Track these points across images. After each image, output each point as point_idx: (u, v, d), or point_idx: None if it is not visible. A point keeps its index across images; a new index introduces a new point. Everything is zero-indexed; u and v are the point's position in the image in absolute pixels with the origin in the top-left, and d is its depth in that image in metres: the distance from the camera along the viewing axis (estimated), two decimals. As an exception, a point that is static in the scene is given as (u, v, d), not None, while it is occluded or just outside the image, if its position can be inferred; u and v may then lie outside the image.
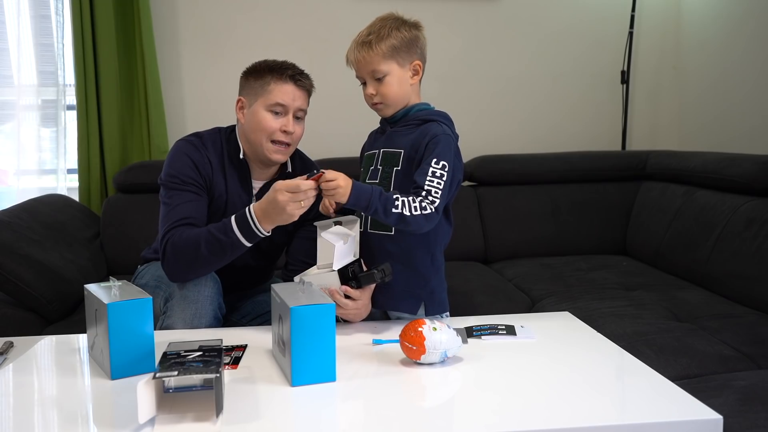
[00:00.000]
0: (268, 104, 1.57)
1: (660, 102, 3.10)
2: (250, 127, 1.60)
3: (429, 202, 1.35)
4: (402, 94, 1.47)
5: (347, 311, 1.41)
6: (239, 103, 1.64)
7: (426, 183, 1.37)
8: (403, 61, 1.45)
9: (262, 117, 1.57)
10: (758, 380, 1.40)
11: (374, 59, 1.43)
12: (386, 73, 1.44)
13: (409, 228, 1.36)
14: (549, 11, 2.97)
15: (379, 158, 1.50)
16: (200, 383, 1.08)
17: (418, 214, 1.34)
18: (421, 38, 1.49)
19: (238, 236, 1.43)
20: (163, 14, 2.73)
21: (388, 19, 1.47)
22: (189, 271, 1.49)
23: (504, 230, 2.66)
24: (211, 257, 1.46)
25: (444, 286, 1.54)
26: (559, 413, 1.01)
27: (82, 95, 2.55)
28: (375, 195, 1.33)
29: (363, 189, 1.33)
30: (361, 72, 1.48)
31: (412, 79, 1.48)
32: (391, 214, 1.33)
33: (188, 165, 1.58)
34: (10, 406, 1.07)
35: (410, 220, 1.34)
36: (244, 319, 1.75)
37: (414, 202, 1.34)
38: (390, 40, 1.43)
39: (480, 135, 2.93)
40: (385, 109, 1.49)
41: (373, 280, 1.37)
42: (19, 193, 2.60)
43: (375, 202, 1.32)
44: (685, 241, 2.27)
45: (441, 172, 1.38)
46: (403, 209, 1.33)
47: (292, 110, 1.58)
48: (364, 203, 1.33)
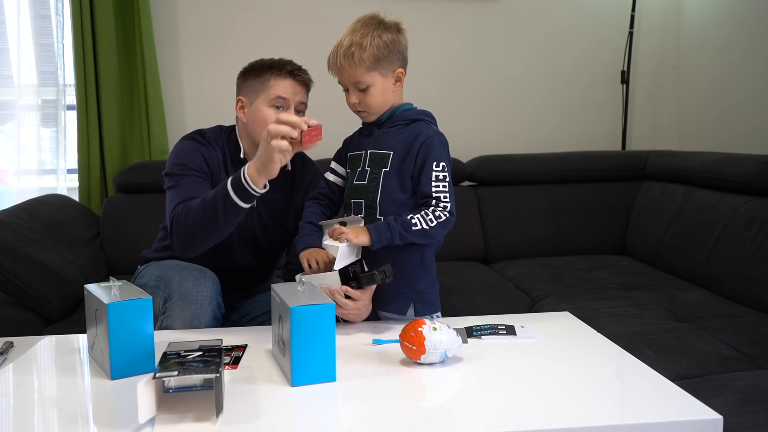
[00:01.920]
0: (270, 99, 1.58)
1: (660, 102, 3.10)
2: (252, 125, 1.61)
3: (441, 209, 1.40)
4: (385, 101, 1.48)
5: (348, 311, 1.41)
6: (239, 103, 1.64)
7: (433, 190, 1.41)
8: (386, 71, 1.45)
9: (264, 113, 1.58)
10: (758, 380, 1.40)
11: (357, 71, 1.43)
12: (370, 84, 1.44)
13: (433, 240, 1.42)
14: (549, 11, 2.97)
15: (367, 159, 1.50)
16: (200, 383, 1.08)
17: (435, 224, 1.39)
18: (403, 41, 1.48)
19: (231, 193, 1.39)
20: (163, 14, 2.73)
21: (369, 25, 1.45)
22: (198, 240, 1.47)
23: (504, 230, 2.66)
24: (209, 219, 1.43)
25: (435, 286, 1.54)
26: (560, 413, 1.01)
27: (82, 95, 2.55)
28: (392, 223, 1.38)
29: (379, 225, 1.38)
30: (344, 82, 1.48)
31: (395, 86, 1.49)
32: (413, 233, 1.38)
33: (197, 156, 1.59)
34: (10, 406, 1.07)
35: (431, 232, 1.39)
36: (244, 319, 1.75)
37: (428, 215, 1.39)
38: (372, 50, 1.42)
39: (480, 135, 2.93)
40: (369, 116, 1.50)
41: (374, 280, 1.37)
42: (19, 193, 2.60)
43: (396, 229, 1.37)
44: (685, 241, 2.27)
45: (443, 174, 1.42)
46: (422, 224, 1.38)
47: (293, 104, 1.60)
48: (387, 235, 1.37)
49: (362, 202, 1.48)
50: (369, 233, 1.37)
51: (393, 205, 1.45)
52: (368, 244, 1.37)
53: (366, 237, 1.36)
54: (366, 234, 1.37)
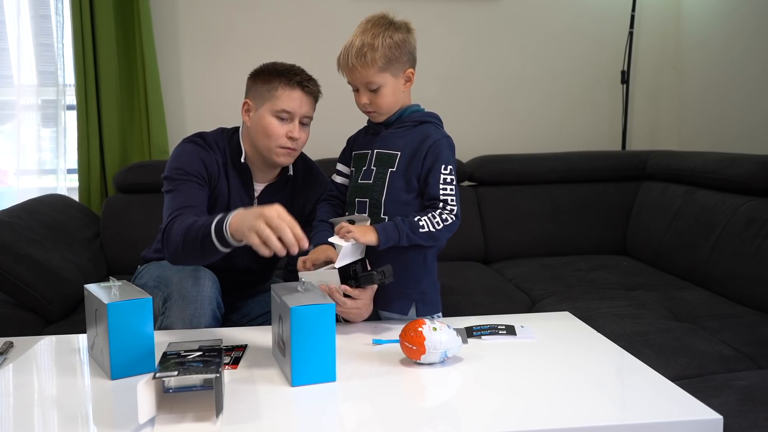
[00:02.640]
0: (275, 110, 1.56)
1: (660, 102, 3.10)
2: (255, 132, 1.60)
3: (448, 212, 1.42)
4: (395, 102, 1.49)
5: (347, 310, 1.41)
6: (245, 106, 1.63)
7: (440, 193, 1.43)
8: (397, 71, 1.46)
9: (268, 122, 1.57)
10: (758, 380, 1.40)
11: (369, 72, 1.43)
12: (381, 84, 1.44)
13: (437, 242, 1.44)
14: (549, 11, 2.97)
15: (373, 159, 1.50)
16: (200, 383, 1.08)
17: (441, 227, 1.41)
18: (413, 41, 1.49)
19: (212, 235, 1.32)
20: (163, 14, 2.73)
21: (380, 25, 1.45)
22: (177, 257, 1.46)
23: (504, 230, 2.66)
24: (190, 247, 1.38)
25: (437, 287, 1.54)
26: (560, 413, 1.01)
27: (82, 95, 2.55)
28: (400, 224, 1.38)
29: (386, 226, 1.39)
30: (355, 82, 1.48)
31: (405, 86, 1.49)
32: (419, 235, 1.39)
33: (196, 161, 1.58)
34: (10, 406, 1.07)
35: (437, 234, 1.41)
36: (245, 319, 1.75)
37: (435, 218, 1.40)
38: (383, 50, 1.42)
39: (480, 135, 2.93)
40: (379, 116, 1.50)
41: (372, 281, 1.37)
42: (19, 193, 2.60)
43: (403, 230, 1.38)
44: (685, 241, 2.27)
45: (450, 177, 1.45)
46: (429, 227, 1.40)
47: (298, 117, 1.58)
48: (395, 236, 1.38)
49: (367, 201, 1.48)
50: (376, 233, 1.37)
51: (398, 205, 1.46)
52: (375, 244, 1.37)
53: (373, 236, 1.37)
54: (373, 233, 1.37)
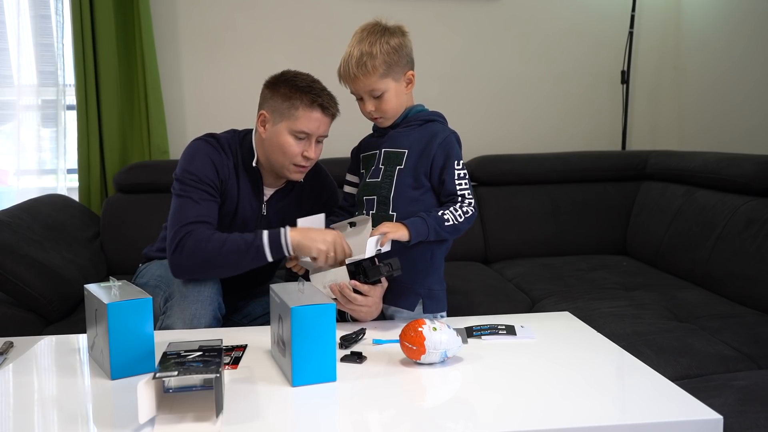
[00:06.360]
0: (293, 129, 1.55)
1: (660, 102, 3.10)
2: (271, 146, 1.59)
3: (467, 204, 1.46)
4: (399, 105, 1.51)
5: (358, 308, 1.42)
6: (261, 117, 1.60)
7: (458, 188, 1.47)
8: (398, 75, 1.48)
9: (284, 140, 1.56)
10: (758, 380, 1.40)
11: (371, 80, 1.45)
12: (384, 90, 1.47)
13: (459, 234, 1.47)
14: (549, 11, 2.97)
15: (381, 158, 1.52)
16: (200, 383, 1.08)
17: (463, 219, 1.45)
18: (408, 44, 1.51)
19: (264, 243, 1.45)
20: (163, 14, 2.73)
21: (375, 32, 1.46)
22: (201, 269, 1.48)
23: (504, 230, 2.66)
24: (231, 258, 1.46)
25: (443, 286, 1.55)
26: (560, 413, 1.01)
27: (82, 95, 2.55)
28: (427, 218, 1.42)
29: (415, 221, 1.41)
30: (358, 91, 1.50)
31: (407, 89, 1.51)
32: (445, 228, 1.43)
33: (208, 165, 1.57)
34: (10, 406, 1.07)
35: (460, 227, 1.45)
36: (245, 319, 1.75)
37: (457, 211, 1.44)
38: (382, 57, 1.44)
39: (480, 135, 2.93)
40: (385, 122, 1.53)
41: (380, 273, 1.38)
42: (19, 193, 2.60)
43: (431, 225, 1.41)
44: (685, 241, 2.27)
45: (463, 172, 1.48)
46: (453, 220, 1.44)
47: (315, 137, 1.57)
48: (424, 231, 1.41)
49: (374, 198, 1.50)
50: (407, 228, 1.40)
51: (406, 201, 1.48)
52: (407, 239, 1.40)
53: (405, 232, 1.39)
54: (405, 229, 1.40)
